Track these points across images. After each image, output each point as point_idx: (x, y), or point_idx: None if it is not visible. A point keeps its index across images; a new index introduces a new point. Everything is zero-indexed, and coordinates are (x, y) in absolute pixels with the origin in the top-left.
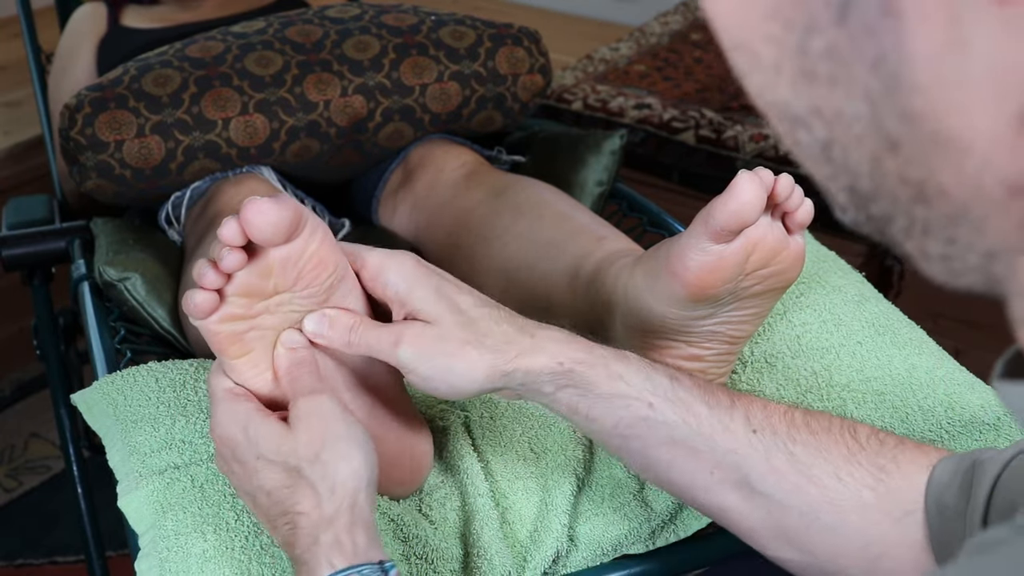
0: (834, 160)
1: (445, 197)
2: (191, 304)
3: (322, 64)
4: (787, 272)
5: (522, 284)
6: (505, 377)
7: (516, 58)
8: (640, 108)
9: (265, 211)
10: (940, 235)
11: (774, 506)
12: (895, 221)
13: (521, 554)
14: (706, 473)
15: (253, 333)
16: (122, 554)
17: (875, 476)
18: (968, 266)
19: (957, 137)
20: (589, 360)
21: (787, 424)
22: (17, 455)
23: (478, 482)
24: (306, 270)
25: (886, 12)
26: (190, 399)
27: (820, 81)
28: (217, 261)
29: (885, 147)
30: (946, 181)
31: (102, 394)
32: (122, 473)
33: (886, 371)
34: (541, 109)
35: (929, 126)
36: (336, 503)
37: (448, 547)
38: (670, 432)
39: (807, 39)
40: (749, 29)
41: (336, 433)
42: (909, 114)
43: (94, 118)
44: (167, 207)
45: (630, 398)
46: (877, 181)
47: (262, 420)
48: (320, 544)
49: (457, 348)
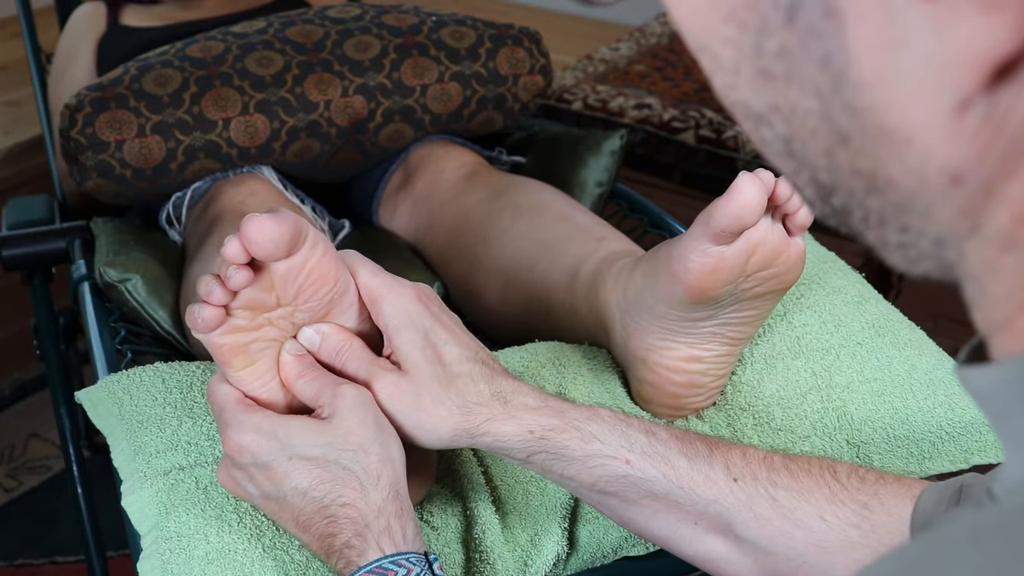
0: (796, 155)
1: (445, 197)
2: (197, 319)
3: (323, 64)
4: (788, 274)
5: (522, 284)
6: (472, 440)
7: (517, 58)
8: (640, 108)
9: (265, 228)
10: (893, 224)
11: (760, 553)
12: (854, 213)
13: (522, 558)
14: (690, 524)
15: (257, 344)
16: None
17: (859, 514)
18: (922, 253)
19: (899, 130)
20: (560, 426)
21: (767, 469)
22: (17, 455)
23: (478, 487)
24: (306, 284)
25: (828, 13)
26: (197, 401)
27: (776, 80)
28: (224, 279)
29: (837, 141)
30: (893, 172)
31: (107, 393)
32: (126, 473)
33: (886, 372)
34: (541, 109)
35: (874, 120)
36: (383, 492)
37: (450, 552)
38: (650, 487)
39: (761, 40)
40: (708, 32)
41: (378, 423)
42: (855, 109)
43: (94, 118)
44: (167, 207)
45: (607, 457)
46: (833, 174)
47: (291, 419)
48: (371, 529)
49: (428, 404)
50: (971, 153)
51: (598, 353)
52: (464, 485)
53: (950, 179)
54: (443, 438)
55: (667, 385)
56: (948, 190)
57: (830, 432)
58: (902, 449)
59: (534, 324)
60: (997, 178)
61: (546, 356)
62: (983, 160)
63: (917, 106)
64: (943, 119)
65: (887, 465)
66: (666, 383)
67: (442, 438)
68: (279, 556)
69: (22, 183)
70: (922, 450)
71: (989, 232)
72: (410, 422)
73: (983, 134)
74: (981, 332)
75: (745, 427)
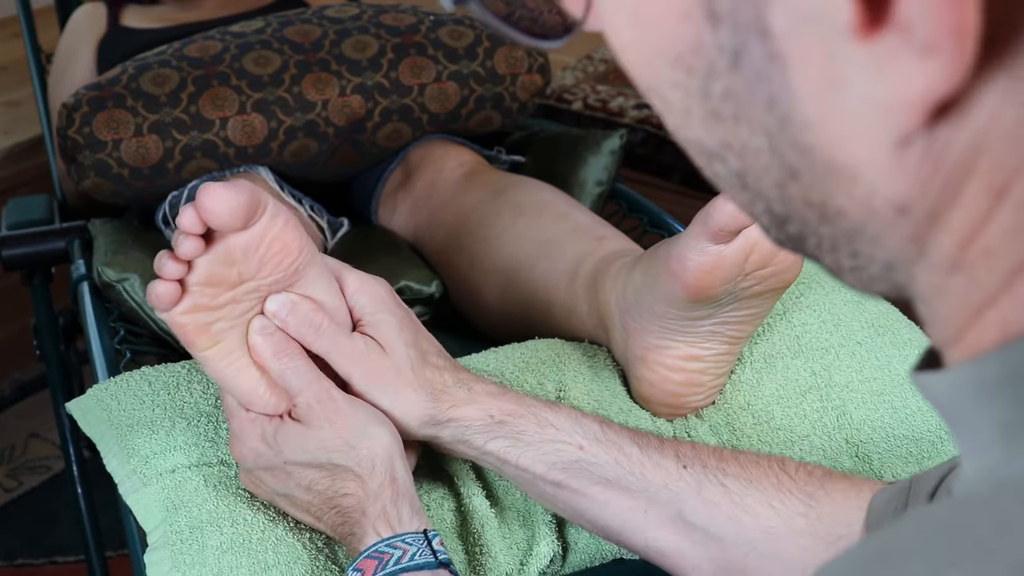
0: (750, 187)
1: (445, 197)
2: (153, 295)
3: (320, 64)
4: (786, 272)
5: (521, 284)
6: (437, 428)
7: (515, 58)
8: (640, 108)
9: (219, 196)
10: (845, 250)
11: (710, 540)
12: (808, 240)
13: (518, 555)
14: (640, 512)
15: (221, 324)
16: (122, 554)
17: (805, 503)
18: (872, 276)
19: (845, 165)
20: (518, 411)
21: (716, 459)
22: (17, 455)
23: (469, 482)
24: (268, 255)
25: (771, 57)
26: (186, 401)
27: (725, 120)
28: (175, 247)
29: (787, 175)
30: (842, 203)
31: (96, 400)
32: (121, 475)
33: (885, 371)
34: (541, 109)
35: (821, 156)
36: (379, 478)
37: (450, 545)
38: (603, 472)
39: (708, 84)
40: (657, 76)
41: (357, 417)
42: (802, 147)
43: (92, 117)
44: (164, 207)
45: (560, 442)
46: (787, 205)
47: (279, 425)
48: (367, 515)
49: (402, 386)
50: (914, 186)
51: (598, 352)
52: (455, 482)
53: (896, 210)
54: (412, 424)
55: (666, 384)
56: (895, 220)
57: (829, 431)
58: (901, 448)
59: (533, 323)
60: (941, 207)
61: (546, 354)
62: (926, 192)
63: (860, 143)
64: (885, 155)
65: (886, 464)
66: (665, 382)
67: (411, 424)
68: (293, 544)
69: (22, 183)
70: (921, 450)
71: (935, 257)
72: (385, 402)
73: (924, 168)
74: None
75: (744, 426)
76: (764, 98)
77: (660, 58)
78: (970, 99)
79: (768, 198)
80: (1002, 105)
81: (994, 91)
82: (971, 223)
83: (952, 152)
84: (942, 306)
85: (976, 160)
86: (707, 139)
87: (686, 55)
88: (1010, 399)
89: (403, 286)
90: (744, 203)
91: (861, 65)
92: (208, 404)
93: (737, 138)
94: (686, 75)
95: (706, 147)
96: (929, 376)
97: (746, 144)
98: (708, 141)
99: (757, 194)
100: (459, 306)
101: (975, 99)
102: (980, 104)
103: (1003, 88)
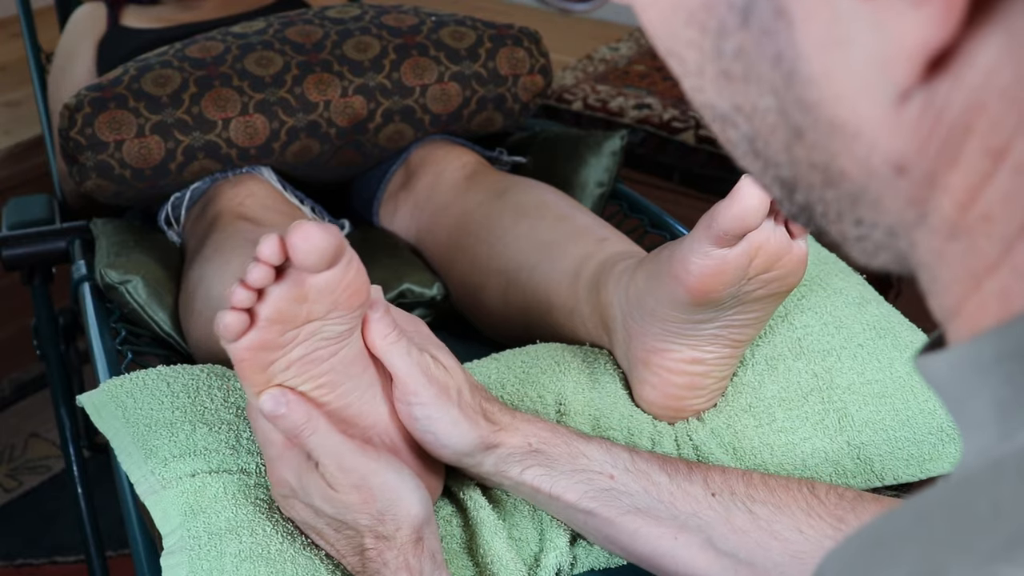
0: (760, 153)
1: (446, 198)
2: (221, 324)
3: (322, 64)
4: (790, 276)
5: (523, 285)
6: (484, 452)
7: (516, 59)
8: (640, 108)
9: (312, 236)
10: (849, 216)
11: (740, 565)
12: (815, 208)
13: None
14: (671, 539)
15: (279, 364)
16: (122, 554)
17: (835, 527)
18: (877, 244)
19: (848, 123)
20: (553, 440)
21: (745, 485)
22: (17, 455)
23: (476, 496)
24: (342, 298)
25: (778, 14)
26: (206, 406)
27: (736, 80)
28: (244, 276)
29: (793, 136)
30: (845, 164)
31: (110, 396)
32: (139, 475)
33: (887, 373)
34: (541, 109)
35: (824, 114)
36: (403, 537)
37: (461, 562)
38: (633, 502)
39: (720, 42)
40: (674, 36)
41: (387, 487)
42: (807, 104)
43: (94, 118)
44: (167, 208)
45: (592, 472)
46: (793, 168)
47: (310, 472)
48: (388, 566)
49: (464, 407)
50: (913, 144)
51: (598, 357)
52: (461, 498)
53: (894, 169)
54: (465, 448)
55: (668, 387)
56: (894, 180)
57: (831, 434)
58: (903, 451)
59: (535, 325)
60: (939, 168)
61: (546, 363)
62: (925, 151)
63: (862, 100)
64: (885, 111)
65: (888, 467)
66: (667, 385)
67: (464, 448)
68: (311, 559)
69: (22, 183)
70: (923, 452)
71: (935, 221)
72: (447, 421)
73: (923, 125)
74: (937, 320)
75: (746, 428)
76: (771, 55)
77: (675, 16)
78: (966, 54)
79: (777, 163)
80: (999, 63)
81: (989, 46)
82: (969, 186)
83: (950, 110)
84: (942, 273)
85: (974, 119)
86: (720, 102)
87: (698, 12)
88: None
89: (404, 288)
90: (757, 171)
91: (863, 20)
92: (229, 412)
93: (747, 99)
94: (699, 33)
95: (719, 111)
96: (930, 358)
97: (755, 105)
98: (720, 104)
99: (767, 160)
100: (460, 308)
101: (971, 54)
102: (976, 60)
103: (999, 44)
